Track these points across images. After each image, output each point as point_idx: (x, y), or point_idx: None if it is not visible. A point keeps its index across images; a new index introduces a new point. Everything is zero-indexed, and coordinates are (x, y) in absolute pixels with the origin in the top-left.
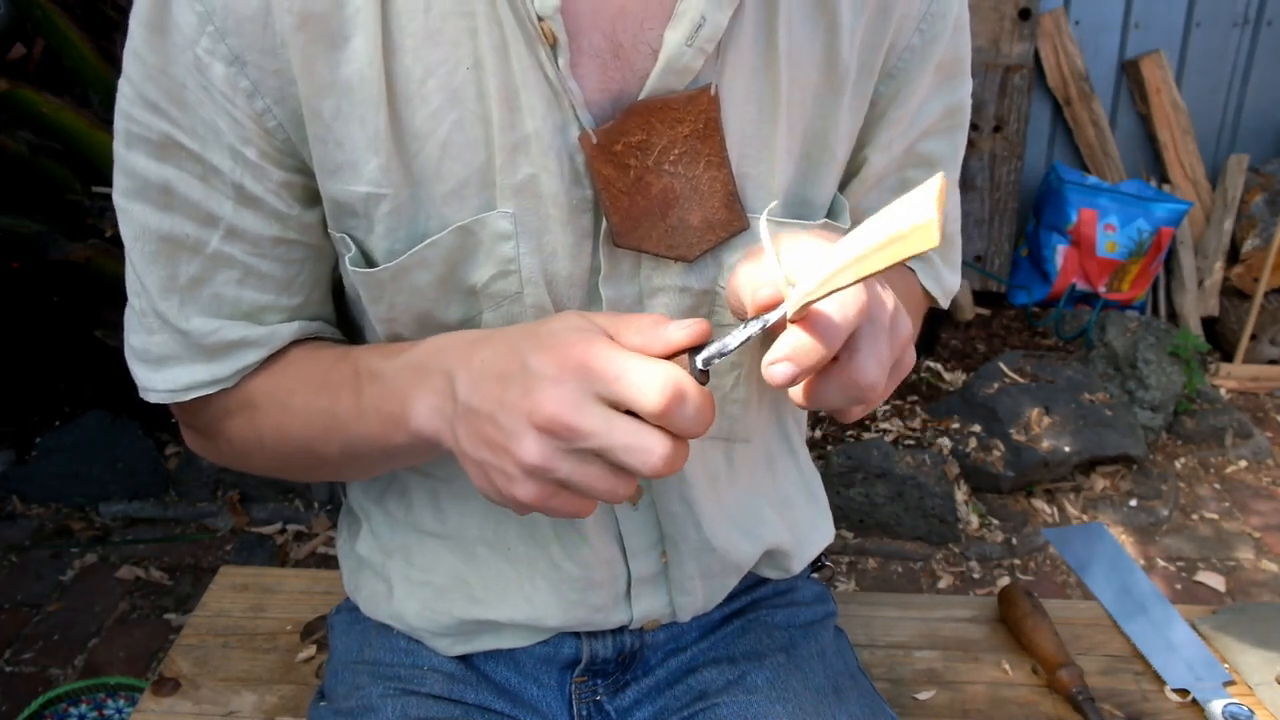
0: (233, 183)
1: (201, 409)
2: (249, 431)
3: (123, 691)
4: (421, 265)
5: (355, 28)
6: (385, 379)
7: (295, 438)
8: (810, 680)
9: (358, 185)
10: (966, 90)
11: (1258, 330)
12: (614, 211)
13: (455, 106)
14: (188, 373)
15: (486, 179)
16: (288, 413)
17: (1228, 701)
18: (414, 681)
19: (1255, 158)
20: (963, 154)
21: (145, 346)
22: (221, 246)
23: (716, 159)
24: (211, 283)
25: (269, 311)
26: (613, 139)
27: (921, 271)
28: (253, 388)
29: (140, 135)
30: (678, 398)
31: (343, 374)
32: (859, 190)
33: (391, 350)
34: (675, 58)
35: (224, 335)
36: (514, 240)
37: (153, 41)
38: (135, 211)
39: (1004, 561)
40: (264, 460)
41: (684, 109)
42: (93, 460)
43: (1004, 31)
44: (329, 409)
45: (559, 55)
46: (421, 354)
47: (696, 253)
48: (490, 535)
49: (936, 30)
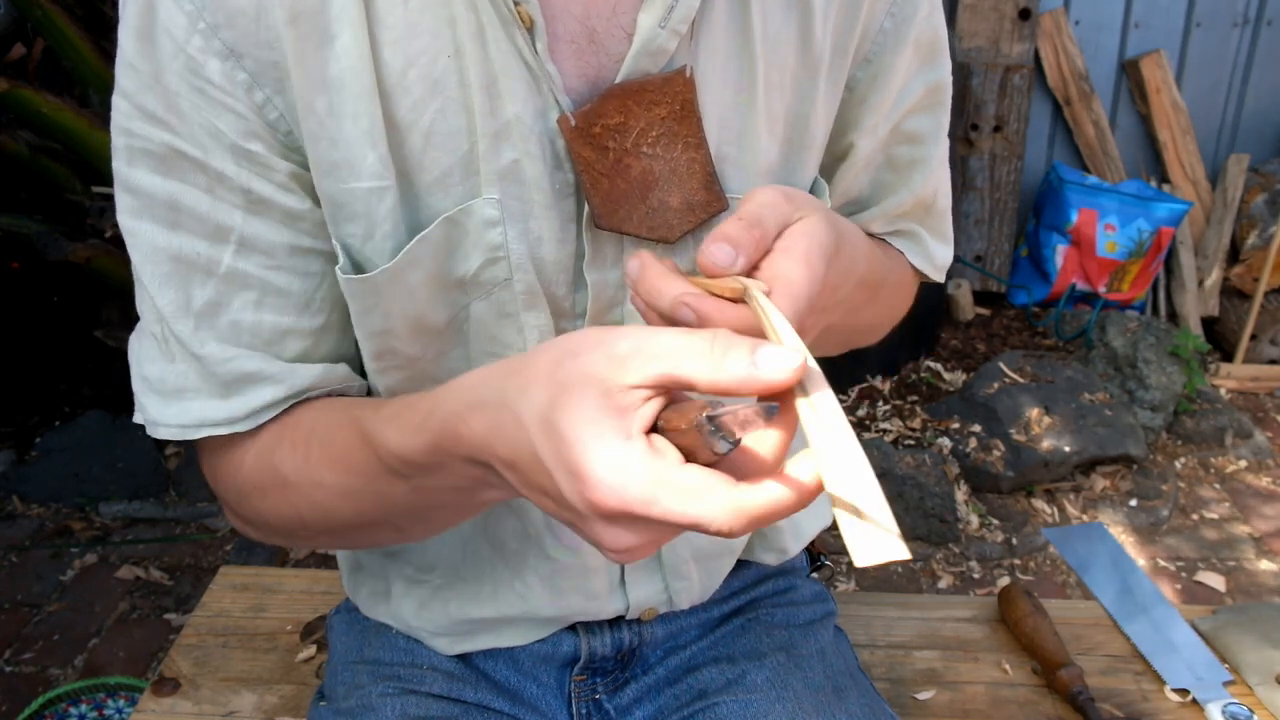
0: (240, 188)
1: (226, 473)
2: (287, 511)
3: (123, 691)
4: (414, 264)
5: (342, 25)
6: (425, 466)
7: (344, 517)
8: (810, 680)
9: (358, 182)
10: (946, 69)
11: (1258, 330)
12: (595, 194)
13: (437, 95)
14: (201, 408)
15: (470, 167)
16: (326, 492)
17: (1228, 701)
18: (413, 681)
19: (1255, 158)
20: (946, 127)
21: (163, 376)
22: (235, 263)
23: (694, 140)
24: (229, 308)
25: (290, 336)
26: (590, 121)
27: (910, 250)
28: (280, 463)
29: (142, 149)
30: (752, 524)
31: (365, 455)
32: (848, 175)
33: (400, 423)
34: (649, 40)
35: (240, 365)
36: (501, 226)
37: (143, 49)
38: (143, 231)
39: (1004, 561)
40: (309, 536)
41: (660, 91)
42: (93, 460)
43: (1004, 31)
44: (375, 490)
45: (536, 39)
46: (439, 437)
47: (678, 234)
48: (483, 531)
49: (907, 13)
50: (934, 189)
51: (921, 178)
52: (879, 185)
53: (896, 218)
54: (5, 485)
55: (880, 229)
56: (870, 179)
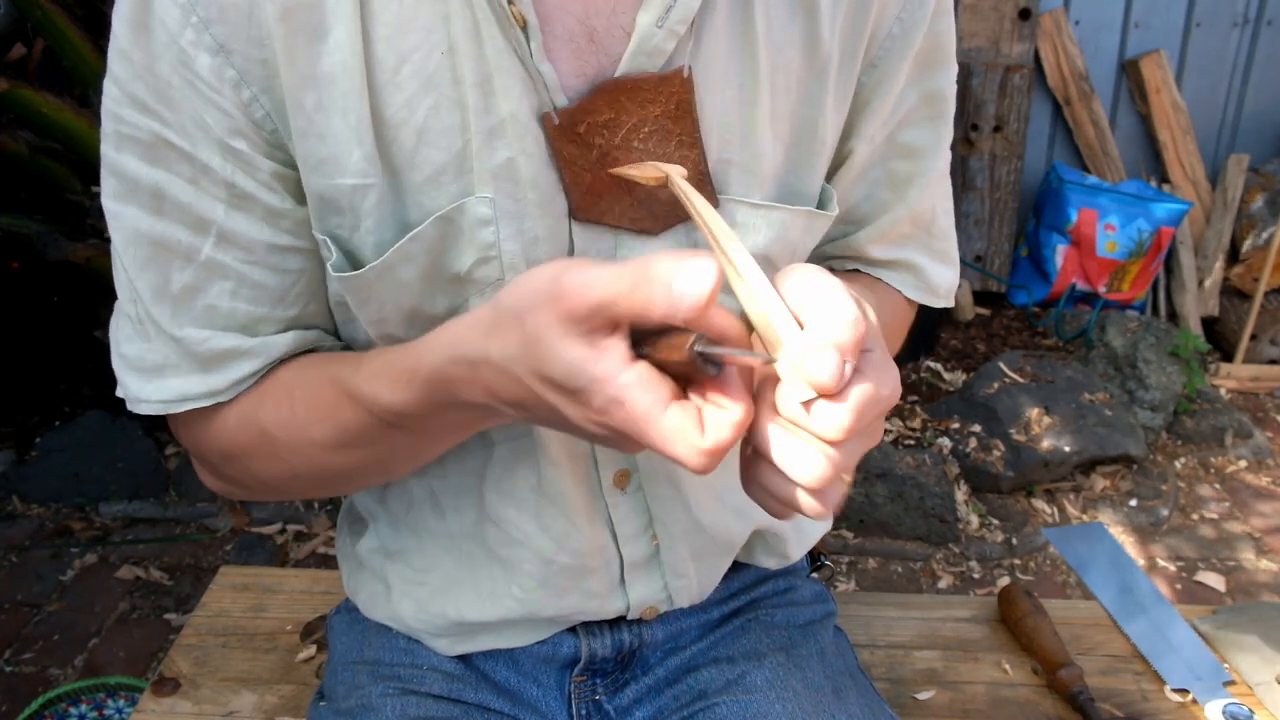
0: (224, 181)
1: (208, 437)
2: (279, 466)
3: (123, 691)
4: (405, 260)
5: (336, 19)
6: (422, 416)
7: (338, 467)
8: (810, 680)
9: (343, 178)
10: (948, 78)
11: (1258, 330)
12: (575, 187)
13: (430, 92)
14: (182, 383)
15: (464, 165)
16: (317, 447)
17: (1228, 701)
18: (413, 681)
19: (1255, 158)
20: (948, 142)
21: (140, 354)
22: (214, 254)
23: (689, 139)
24: (205, 294)
25: (263, 324)
26: (576, 120)
27: (908, 285)
28: (265, 422)
29: (130, 136)
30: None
31: (355, 412)
32: (845, 181)
33: (388, 376)
34: (646, 39)
35: (216, 344)
36: (494, 225)
37: (137, 39)
38: (126, 215)
39: (1004, 561)
40: (303, 488)
41: (655, 90)
42: (93, 460)
43: (1004, 31)
44: (371, 441)
45: (530, 39)
46: (433, 388)
47: (661, 226)
48: (483, 533)
49: (917, 19)
50: (931, 205)
51: (918, 192)
52: (875, 202)
53: (895, 243)
54: (5, 485)
55: (879, 253)
56: (866, 193)
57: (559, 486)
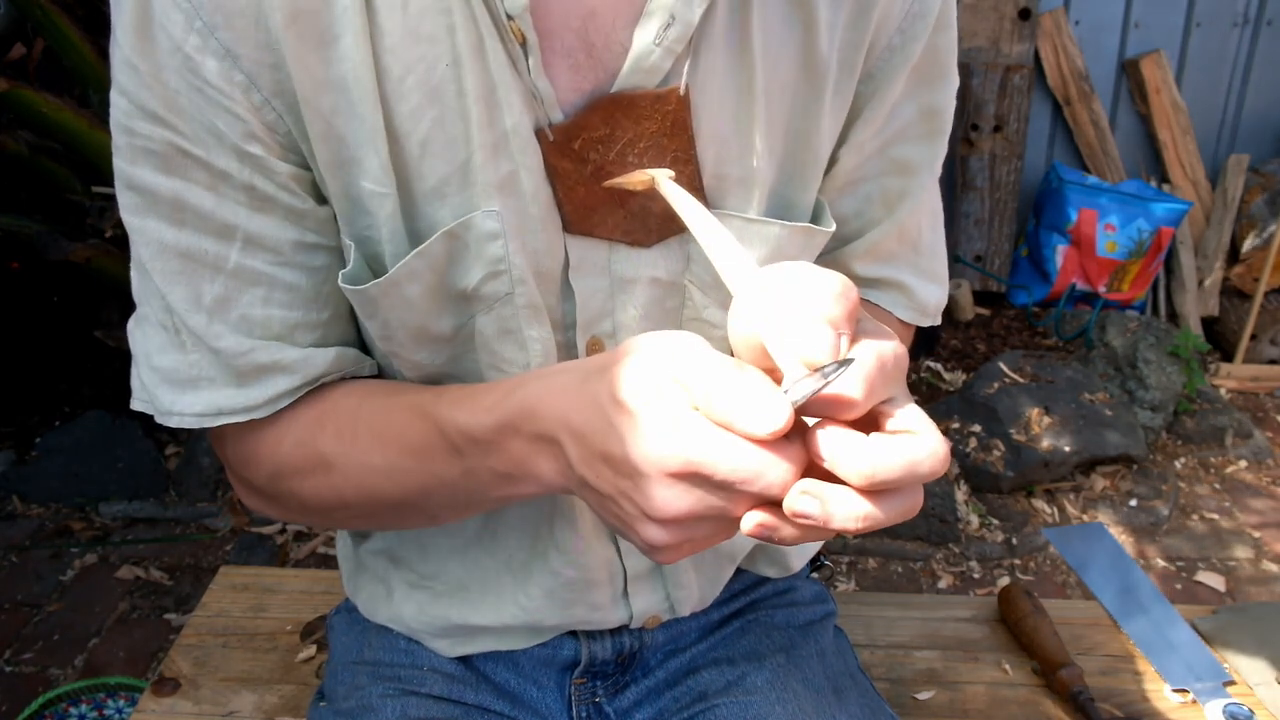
0: (243, 185)
1: (259, 455)
2: (328, 493)
3: (123, 691)
4: (411, 277)
5: (344, 27)
6: (487, 444)
7: (388, 497)
8: (810, 680)
9: (366, 181)
10: (947, 94)
11: (1258, 330)
12: (567, 201)
13: (435, 103)
14: (219, 396)
15: (468, 177)
16: (374, 473)
17: (1228, 701)
18: (414, 682)
19: (1255, 158)
20: (942, 158)
21: (177, 366)
22: (243, 260)
23: (684, 155)
24: (238, 303)
25: (300, 329)
26: (571, 135)
27: (896, 304)
28: (324, 447)
29: (144, 148)
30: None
31: (425, 433)
32: (829, 190)
33: (471, 404)
34: (643, 56)
35: (256, 357)
36: (502, 239)
37: (141, 47)
38: (149, 229)
39: (1004, 561)
40: (346, 517)
41: (651, 107)
42: (93, 460)
43: (1004, 31)
44: (427, 469)
45: (529, 55)
46: (513, 414)
47: (654, 239)
48: (488, 541)
49: (917, 30)
50: (919, 222)
51: (908, 208)
52: (866, 219)
53: (882, 260)
54: (5, 485)
55: (865, 271)
56: (857, 209)
57: (570, 500)
